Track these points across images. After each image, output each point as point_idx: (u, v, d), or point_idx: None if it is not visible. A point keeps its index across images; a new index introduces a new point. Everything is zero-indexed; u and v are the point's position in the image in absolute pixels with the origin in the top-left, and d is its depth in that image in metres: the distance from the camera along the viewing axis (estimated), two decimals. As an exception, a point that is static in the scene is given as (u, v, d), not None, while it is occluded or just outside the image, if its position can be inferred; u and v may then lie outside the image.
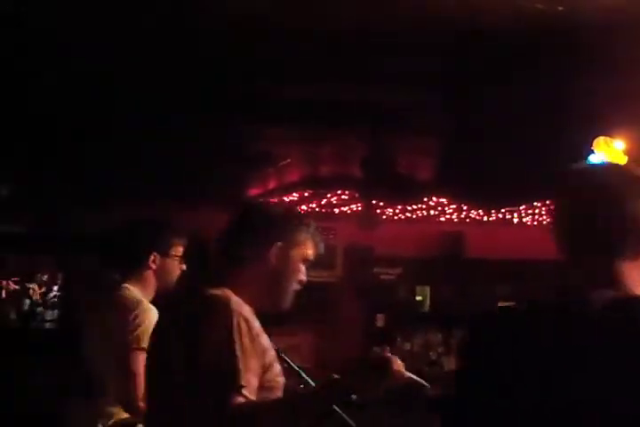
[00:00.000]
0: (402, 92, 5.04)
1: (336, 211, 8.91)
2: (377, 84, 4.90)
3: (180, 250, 3.81)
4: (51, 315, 8.99)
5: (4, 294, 9.15)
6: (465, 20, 3.78)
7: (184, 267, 3.81)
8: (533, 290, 1.96)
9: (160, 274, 3.77)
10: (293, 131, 6.18)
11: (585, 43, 3.89)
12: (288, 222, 2.79)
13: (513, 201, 7.87)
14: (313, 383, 3.46)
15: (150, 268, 3.76)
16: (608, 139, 5.05)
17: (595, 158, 5.13)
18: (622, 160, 5.11)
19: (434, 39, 4.06)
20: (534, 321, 1.68)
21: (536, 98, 4.87)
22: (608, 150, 5.05)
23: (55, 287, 9.04)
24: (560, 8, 3.52)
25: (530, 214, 8.58)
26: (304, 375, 3.51)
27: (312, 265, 2.83)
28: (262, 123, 5.85)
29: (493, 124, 5.48)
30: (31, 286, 9.17)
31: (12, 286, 9.15)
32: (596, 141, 5.09)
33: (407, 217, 9.17)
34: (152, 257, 3.75)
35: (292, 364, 3.45)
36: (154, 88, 4.94)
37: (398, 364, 2.44)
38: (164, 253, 3.77)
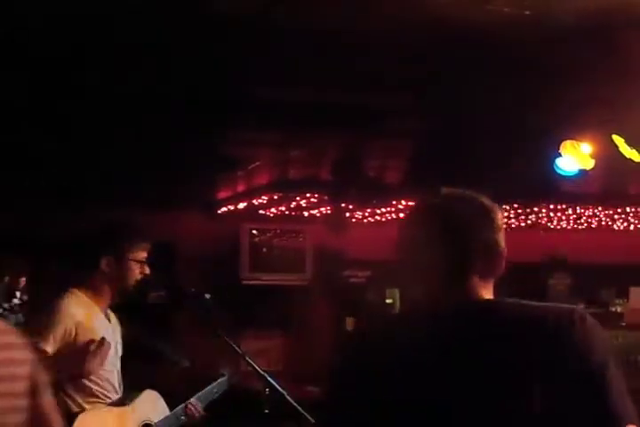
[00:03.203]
0: (372, 95, 5.05)
1: (305, 214, 8.90)
2: (347, 86, 4.90)
3: (140, 254, 3.76)
4: (14, 319, 8.88)
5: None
6: (436, 24, 3.79)
7: (147, 270, 3.77)
8: (500, 292, 2.03)
9: (115, 278, 3.72)
10: (262, 133, 6.16)
11: (553, 47, 3.91)
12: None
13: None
14: (279, 387, 3.44)
15: (103, 271, 3.71)
16: (575, 142, 5.08)
17: (562, 161, 5.16)
18: (589, 163, 5.14)
19: (405, 42, 4.07)
20: (401, 324, 1.94)
21: (505, 101, 4.88)
22: (575, 154, 5.08)
23: (17, 293, 8.91)
24: (527, 12, 3.53)
25: (498, 217, 8.60)
26: (270, 379, 3.49)
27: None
28: (232, 125, 5.83)
29: (463, 128, 5.50)
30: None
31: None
32: (563, 145, 5.11)
33: (377, 220, 9.18)
34: (104, 260, 3.71)
35: (257, 368, 3.44)
36: (124, 90, 4.91)
37: None
38: (119, 257, 3.71)
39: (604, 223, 9.51)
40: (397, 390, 1.80)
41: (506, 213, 8.42)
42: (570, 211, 8.76)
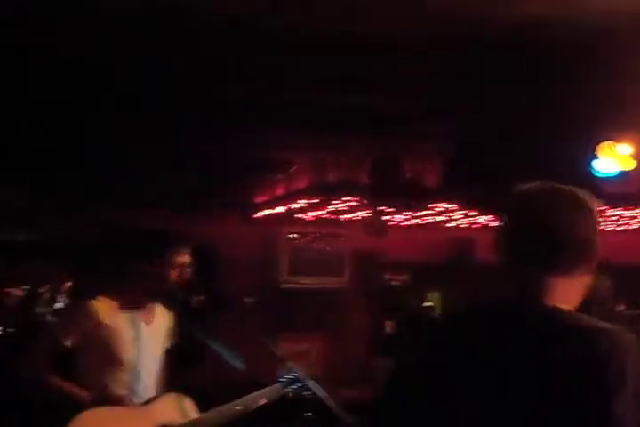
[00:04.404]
0: (410, 97, 5.04)
1: (343, 217, 8.90)
2: (385, 89, 4.90)
3: (180, 259, 3.79)
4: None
5: (12, 303, 9.15)
6: (465, 25, 3.78)
7: (189, 275, 3.80)
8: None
9: (150, 281, 3.76)
10: (300, 137, 6.17)
11: (587, 47, 3.88)
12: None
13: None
14: (320, 391, 3.45)
15: (137, 275, 3.76)
16: (612, 144, 5.03)
17: (598, 163, 5.11)
18: (631, 164, 5.09)
19: (437, 45, 4.06)
20: (464, 330, 1.89)
21: (540, 102, 4.86)
22: (612, 155, 5.03)
23: (60, 297, 9.04)
24: (559, 13, 3.51)
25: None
26: (309, 383, 3.50)
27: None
28: (269, 130, 5.86)
29: (500, 129, 5.48)
30: (41, 290, 9.17)
31: (20, 294, 9.15)
32: (600, 146, 5.06)
33: (415, 223, 9.16)
34: (138, 265, 3.75)
35: (297, 371, 3.45)
36: (157, 94, 4.94)
37: None
38: (153, 261, 3.75)
39: (645, 224, 9.41)
40: (438, 394, 1.82)
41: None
42: (610, 212, 8.67)
